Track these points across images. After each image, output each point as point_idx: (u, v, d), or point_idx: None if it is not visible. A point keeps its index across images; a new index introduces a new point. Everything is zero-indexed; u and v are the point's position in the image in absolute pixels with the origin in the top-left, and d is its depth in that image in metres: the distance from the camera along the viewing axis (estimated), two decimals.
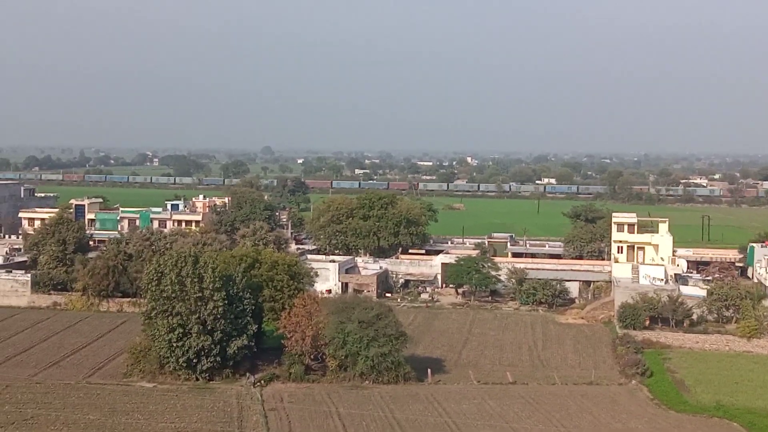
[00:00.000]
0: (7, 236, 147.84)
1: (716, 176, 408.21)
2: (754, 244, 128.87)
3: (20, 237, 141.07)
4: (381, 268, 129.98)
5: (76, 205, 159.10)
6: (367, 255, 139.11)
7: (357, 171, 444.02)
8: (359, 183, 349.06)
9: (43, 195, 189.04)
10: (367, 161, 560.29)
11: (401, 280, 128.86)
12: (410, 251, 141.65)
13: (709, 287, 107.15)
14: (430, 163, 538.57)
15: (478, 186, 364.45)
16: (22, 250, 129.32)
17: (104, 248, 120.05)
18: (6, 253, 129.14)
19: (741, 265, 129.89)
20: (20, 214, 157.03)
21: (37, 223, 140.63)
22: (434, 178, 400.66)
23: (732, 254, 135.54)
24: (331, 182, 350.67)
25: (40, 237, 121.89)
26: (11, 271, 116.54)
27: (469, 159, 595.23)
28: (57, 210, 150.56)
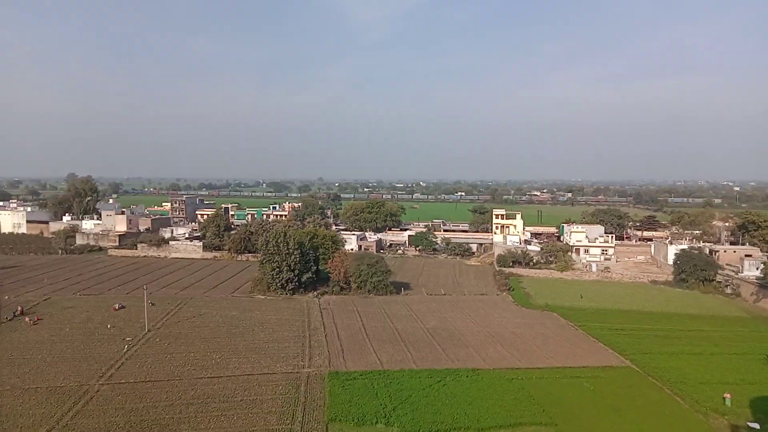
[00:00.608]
0: (190, 222, 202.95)
1: (544, 190, 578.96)
2: (564, 224, 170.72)
3: (196, 223, 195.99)
4: (377, 237, 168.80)
5: (224, 207, 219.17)
6: (371, 231, 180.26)
7: (365, 189, 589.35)
8: (354, 196, 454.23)
9: (207, 202, 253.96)
10: (370, 183, 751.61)
11: (388, 244, 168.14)
12: (392, 229, 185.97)
13: (541, 246, 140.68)
14: (402, 185, 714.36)
15: (412, 195, 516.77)
16: (198, 230, 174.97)
17: (239, 228, 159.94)
18: (190, 231, 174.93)
19: (557, 234, 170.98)
20: (197, 212, 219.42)
21: (205, 216, 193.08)
22: (403, 192, 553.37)
23: (553, 230, 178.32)
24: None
25: (207, 223, 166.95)
26: (192, 240, 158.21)
27: (422, 182, 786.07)
28: (215, 210, 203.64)
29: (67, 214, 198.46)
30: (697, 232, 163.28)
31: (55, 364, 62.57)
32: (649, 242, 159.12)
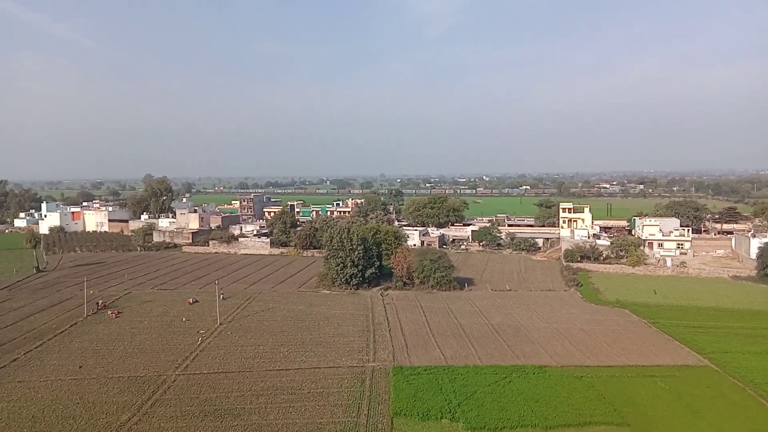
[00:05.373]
0: (258, 220, 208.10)
1: (614, 182, 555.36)
2: (635, 217, 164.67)
3: (264, 220, 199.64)
4: (440, 233, 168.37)
5: (290, 204, 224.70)
6: (433, 226, 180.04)
7: (426, 184, 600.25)
8: (415, 191, 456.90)
9: (273, 200, 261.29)
10: (432, 179, 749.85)
11: (451, 239, 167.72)
12: (454, 224, 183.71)
13: (611, 240, 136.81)
14: (464, 179, 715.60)
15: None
16: (265, 227, 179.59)
17: (305, 225, 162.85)
18: (258, 228, 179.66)
19: (628, 227, 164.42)
20: (264, 209, 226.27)
21: (272, 213, 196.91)
22: (466, 187, 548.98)
23: (623, 223, 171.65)
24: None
25: (274, 220, 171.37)
26: (260, 237, 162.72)
27: (485, 177, 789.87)
28: (281, 207, 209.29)
29: (144, 213, 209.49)
30: None
31: (135, 354, 66.38)
32: (729, 235, 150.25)
